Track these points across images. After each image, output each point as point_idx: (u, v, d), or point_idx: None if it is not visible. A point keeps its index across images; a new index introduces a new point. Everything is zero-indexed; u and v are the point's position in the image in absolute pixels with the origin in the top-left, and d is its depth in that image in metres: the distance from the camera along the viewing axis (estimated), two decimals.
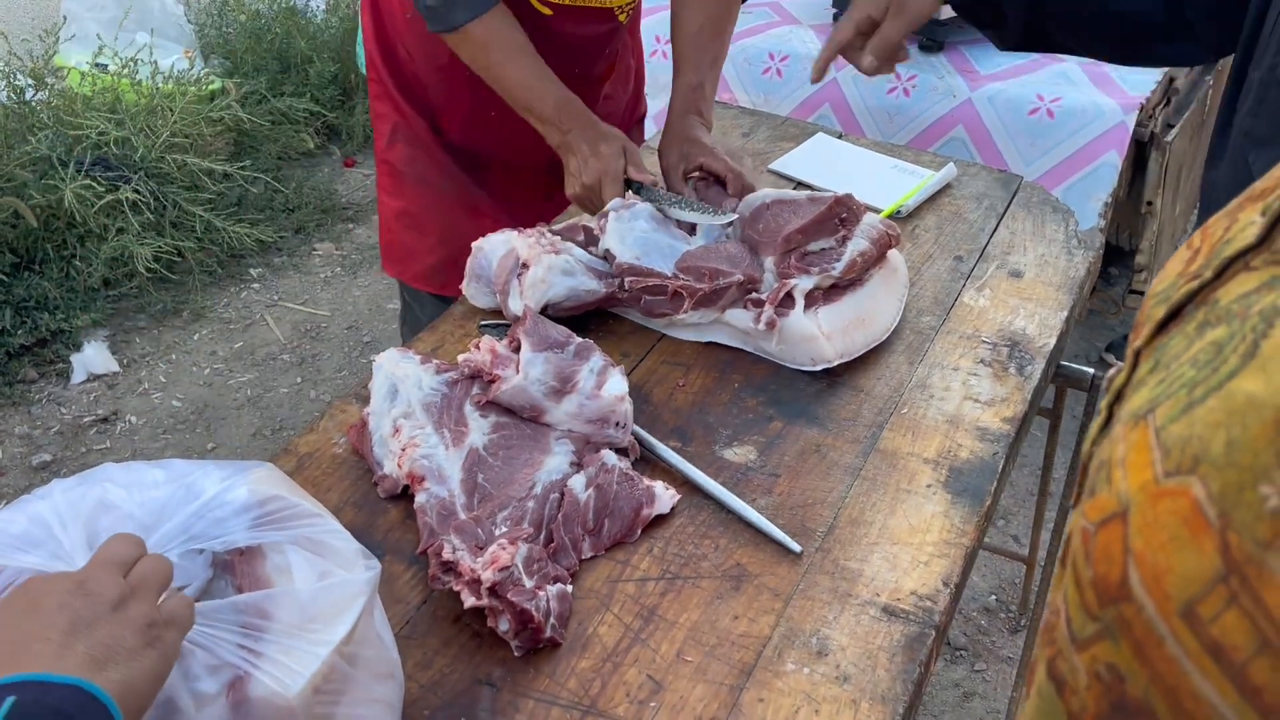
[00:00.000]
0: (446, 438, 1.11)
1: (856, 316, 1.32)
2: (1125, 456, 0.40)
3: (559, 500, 1.06)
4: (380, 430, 1.13)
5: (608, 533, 1.06)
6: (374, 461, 1.13)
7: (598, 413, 1.14)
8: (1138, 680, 0.38)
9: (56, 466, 2.56)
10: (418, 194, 1.73)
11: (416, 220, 1.75)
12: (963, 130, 2.42)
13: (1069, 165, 2.34)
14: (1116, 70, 2.45)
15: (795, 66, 2.58)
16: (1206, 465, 0.36)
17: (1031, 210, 1.66)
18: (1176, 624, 0.36)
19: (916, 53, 2.56)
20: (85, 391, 2.80)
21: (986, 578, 2.37)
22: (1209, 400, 0.37)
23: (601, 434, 1.14)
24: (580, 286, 1.31)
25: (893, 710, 0.91)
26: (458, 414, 1.14)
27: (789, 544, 1.06)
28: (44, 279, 2.96)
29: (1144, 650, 0.37)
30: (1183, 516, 0.36)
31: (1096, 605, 0.40)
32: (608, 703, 0.92)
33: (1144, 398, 0.41)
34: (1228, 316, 0.39)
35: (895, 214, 1.62)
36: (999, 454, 1.19)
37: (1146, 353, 0.44)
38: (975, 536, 1.09)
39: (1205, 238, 0.44)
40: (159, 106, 3.24)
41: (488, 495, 1.07)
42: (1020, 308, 1.43)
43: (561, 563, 1.02)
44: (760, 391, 1.28)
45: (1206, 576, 0.35)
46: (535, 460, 1.10)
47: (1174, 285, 0.44)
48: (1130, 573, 0.38)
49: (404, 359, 1.19)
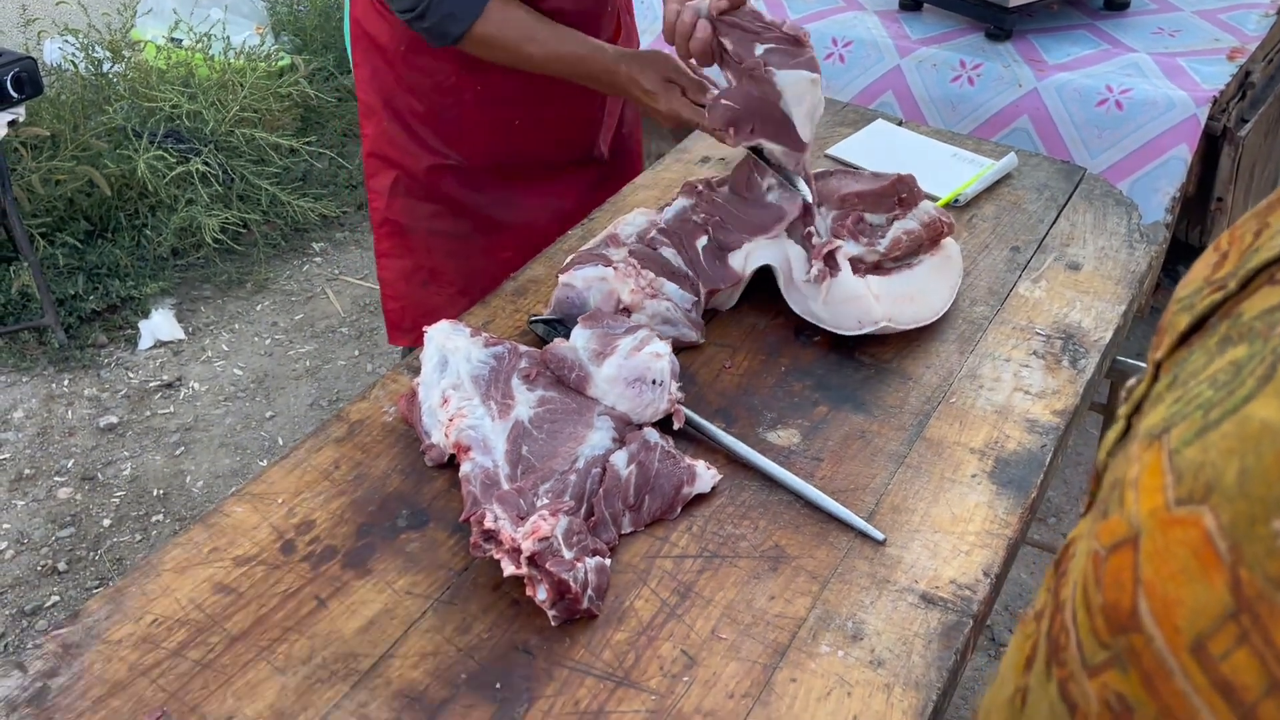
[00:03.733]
0: (493, 409, 1.13)
1: (906, 292, 1.32)
2: (1139, 478, 0.38)
3: (600, 475, 1.08)
4: (429, 400, 1.15)
5: (648, 509, 1.07)
6: (422, 431, 1.15)
7: (635, 371, 1.14)
8: (1146, 712, 0.37)
9: (123, 429, 2.64)
10: (430, 246, 1.68)
11: (434, 274, 1.69)
12: (1027, 120, 2.38)
13: (1137, 158, 2.28)
14: (1189, 61, 2.39)
15: (859, 52, 2.55)
16: (1218, 495, 0.34)
17: (1093, 202, 1.63)
18: (1186, 659, 0.35)
19: (983, 40, 2.52)
20: (152, 357, 2.88)
21: (1035, 575, 2.34)
22: (1224, 424, 0.36)
23: (641, 400, 1.15)
24: (682, 337, 1.30)
25: (926, 697, 0.91)
26: (505, 387, 1.16)
27: (872, 532, 1.06)
28: (116, 247, 3.04)
29: (1153, 683, 0.36)
30: (1193, 548, 0.35)
31: (1106, 633, 0.39)
32: (640, 674, 0.93)
33: (1160, 415, 0.40)
34: (1250, 334, 0.38)
35: (953, 202, 1.60)
36: (1047, 446, 1.17)
37: (1167, 365, 0.42)
38: (1018, 528, 1.08)
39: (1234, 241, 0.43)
40: (230, 81, 3.30)
41: (531, 467, 1.08)
42: (1077, 300, 1.41)
43: (601, 536, 1.04)
44: (807, 375, 1.27)
45: (1217, 612, 0.34)
46: (579, 435, 1.12)
47: (1198, 292, 0.42)
48: (1140, 602, 0.37)
49: (455, 331, 1.20)
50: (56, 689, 0.90)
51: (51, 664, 0.93)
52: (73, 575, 2.28)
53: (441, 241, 1.68)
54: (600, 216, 1.57)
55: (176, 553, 1.04)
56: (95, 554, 2.33)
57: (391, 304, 1.75)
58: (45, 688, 0.91)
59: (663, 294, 1.29)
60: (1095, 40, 2.52)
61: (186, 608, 0.98)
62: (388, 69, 1.60)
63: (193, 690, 0.91)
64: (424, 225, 1.67)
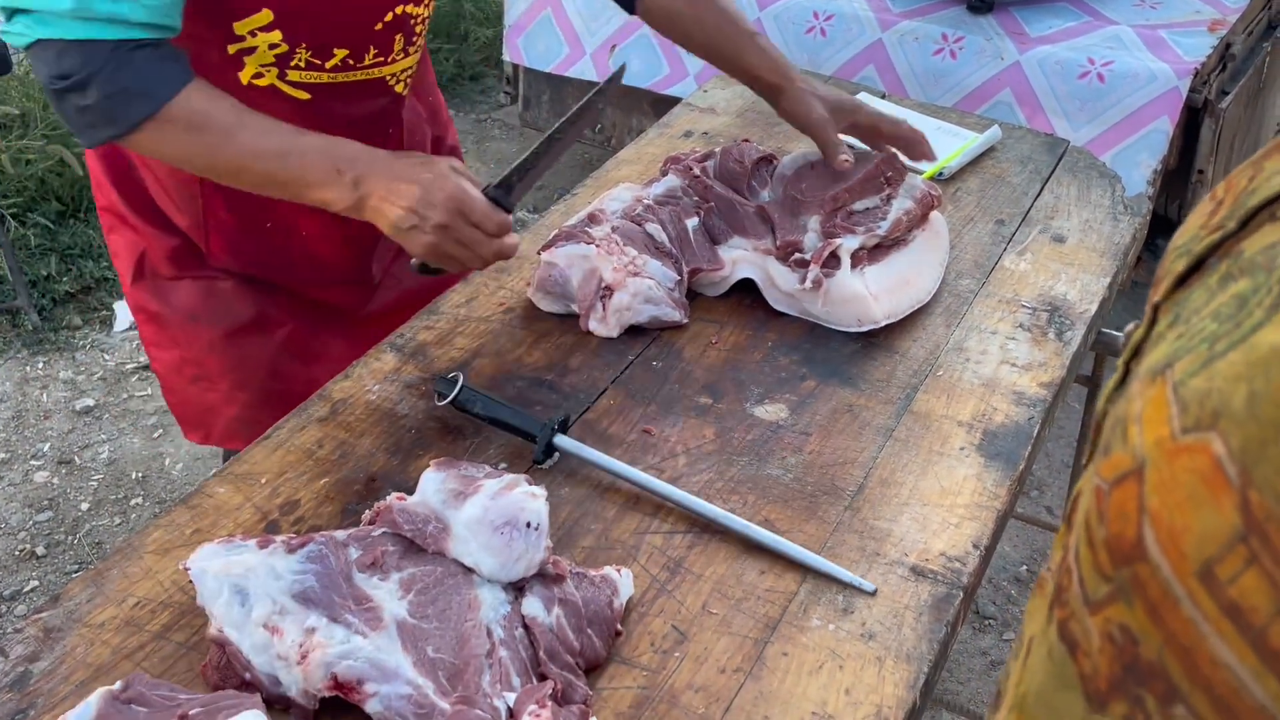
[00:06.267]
0: (356, 623, 0.88)
1: (901, 277, 1.31)
2: (1142, 413, 0.38)
3: (527, 636, 0.90)
4: (250, 640, 0.87)
5: (599, 643, 0.92)
6: (261, 680, 0.87)
7: (505, 513, 0.91)
8: (1151, 642, 0.37)
9: (99, 411, 2.61)
10: (188, 336, 1.36)
11: (201, 368, 1.37)
12: (1010, 94, 2.37)
13: (1118, 130, 2.29)
14: (1171, 33, 2.39)
15: (841, 26, 2.54)
16: (1227, 420, 0.34)
17: (1077, 175, 1.62)
18: (1193, 585, 0.35)
19: (965, 14, 2.51)
20: (128, 339, 2.84)
21: (1019, 548, 2.35)
22: (1230, 354, 0.35)
23: (510, 551, 0.91)
24: (663, 316, 1.27)
25: (917, 669, 0.91)
26: (352, 590, 0.90)
27: (861, 585, 0.98)
28: (89, 227, 3.00)
29: (1159, 612, 0.36)
30: (1201, 474, 0.35)
31: (1110, 566, 0.38)
32: (632, 651, 0.92)
33: (1162, 353, 0.39)
34: (1252, 269, 0.37)
35: (937, 176, 1.59)
36: (1034, 419, 1.17)
37: (1165, 307, 0.42)
38: (1007, 500, 1.09)
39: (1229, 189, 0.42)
40: None
41: (452, 668, 0.87)
42: (1062, 273, 1.40)
43: (575, 700, 0.87)
44: (794, 350, 1.27)
45: (1225, 536, 0.34)
46: (471, 601, 0.91)
47: (1195, 238, 0.42)
48: (1145, 532, 0.37)
49: (233, 550, 0.91)
50: (39, 673, 0.89)
51: (33, 648, 0.91)
52: (51, 560, 2.25)
53: (202, 330, 1.35)
54: (583, 192, 1.55)
55: (159, 534, 1.02)
56: (74, 538, 2.30)
57: (171, 399, 1.44)
58: (27, 672, 0.89)
59: (645, 272, 1.28)
60: (1077, 13, 2.52)
61: (170, 590, 0.97)
62: None
63: (177, 673, 0.90)
64: (176, 311, 1.36)
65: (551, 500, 0.96)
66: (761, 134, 1.70)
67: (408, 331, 1.28)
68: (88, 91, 1.02)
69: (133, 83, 1.03)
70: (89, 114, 1.04)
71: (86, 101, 1.03)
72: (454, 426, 1.15)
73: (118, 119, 1.04)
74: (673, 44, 1.54)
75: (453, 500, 0.94)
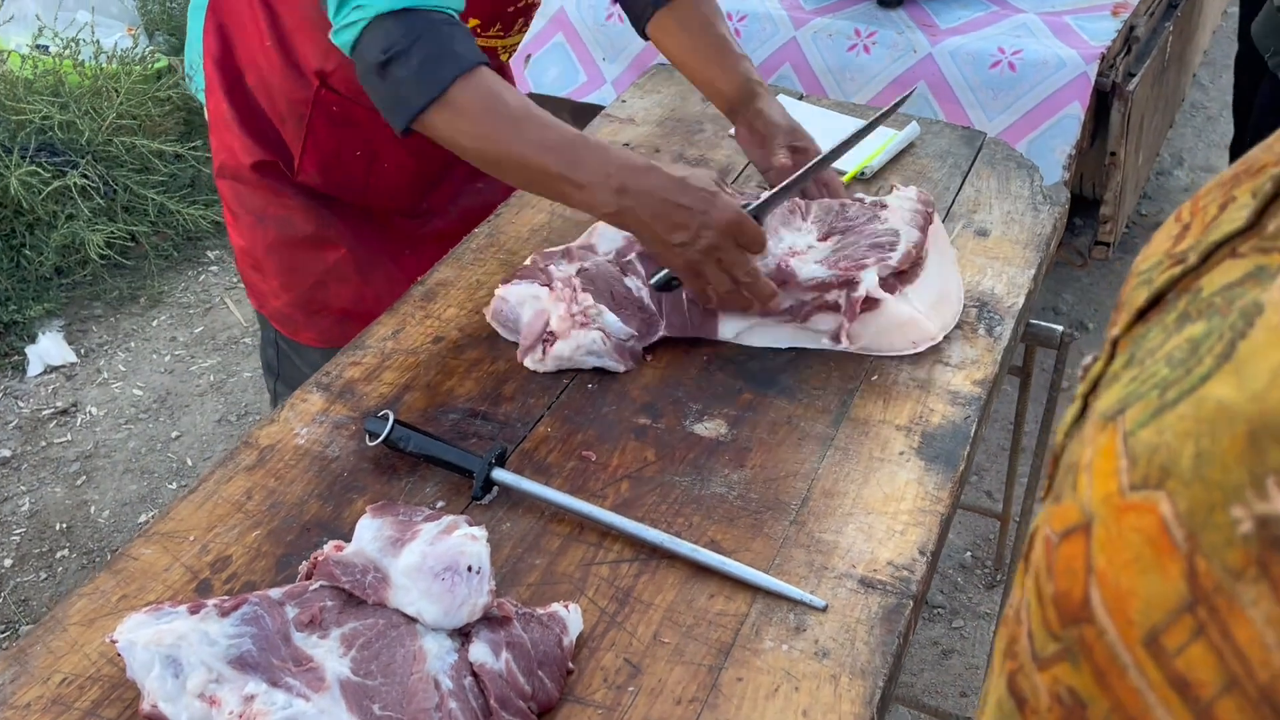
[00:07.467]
0: (298, 686, 0.84)
1: (936, 290, 1.30)
2: (1092, 462, 0.37)
3: (477, 684, 0.87)
4: (189, 712, 0.84)
5: (550, 684, 0.90)
6: None
7: (444, 558, 0.89)
8: (1099, 708, 0.35)
9: (17, 462, 2.51)
10: (253, 233, 1.54)
11: (257, 261, 1.57)
12: (925, 86, 2.40)
13: (1032, 118, 2.32)
14: (1076, 19, 2.44)
15: (754, 26, 2.54)
16: (1175, 480, 0.33)
17: (996, 167, 1.64)
18: (1140, 653, 0.34)
19: (876, 9, 2.53)
20: (43, 384, 2.74)
21: (962, 535, 2.38)
22: (1180, 405, 0.34)
23: (453, 597, 0.88)
24: (605, 366, 1.23)
25: (873, 684, 0.91)
26: (291, 651, 0.87)
27: (812, 601, 0.97)
28: None
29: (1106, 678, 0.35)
30: (1148, 535, 0.33)
31: (1058, 624, 0.37)
32: (585, 689, 0.90)
33: (1116, 396, 0.38)
34: (1209, 310, 0.36)
35: (860, 175, 1.60)
36: (971, 418, 1.18)
37: (1124, 343, 0.41)
38: (950, 503, 1.09)
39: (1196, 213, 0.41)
40: (104, 88, 3.15)
41: None
42: (988, 267, 1.42)
43: None
44: (729, 363, 1.26)
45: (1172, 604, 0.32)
46: (416, 653, 0.88)
47: (1158, 266, 0.41)
48: (1092, 592, 0.35)
49: (161, 619, 0.87)
50: None
51: None
52: None
53: (265, 231, 1.53)
54: (506, 211, 1.52)
55: (82, 604, 0.97)
56: None
57: (239, 267, 1.63)
58: None
59: (596, 323, 1.22)
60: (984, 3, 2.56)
61: (98, 663, 0.92)
62: (245, 56, 1.46)
63: None
64: (247, 210, 1.53)
65: (493, 537, 0.93)
66: (682, 142, 1.69)
67: (333, 369, 1.24)
68: (409, 58, 1.13)
69: (447, 45, 1.14)
70: (407, 84, 1.14)
71: (408, 70, 1.13)
72: (388, 466, 1.12)
73: (435, 78, 1.14)
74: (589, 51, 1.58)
75: (390, 547, 0.92)
